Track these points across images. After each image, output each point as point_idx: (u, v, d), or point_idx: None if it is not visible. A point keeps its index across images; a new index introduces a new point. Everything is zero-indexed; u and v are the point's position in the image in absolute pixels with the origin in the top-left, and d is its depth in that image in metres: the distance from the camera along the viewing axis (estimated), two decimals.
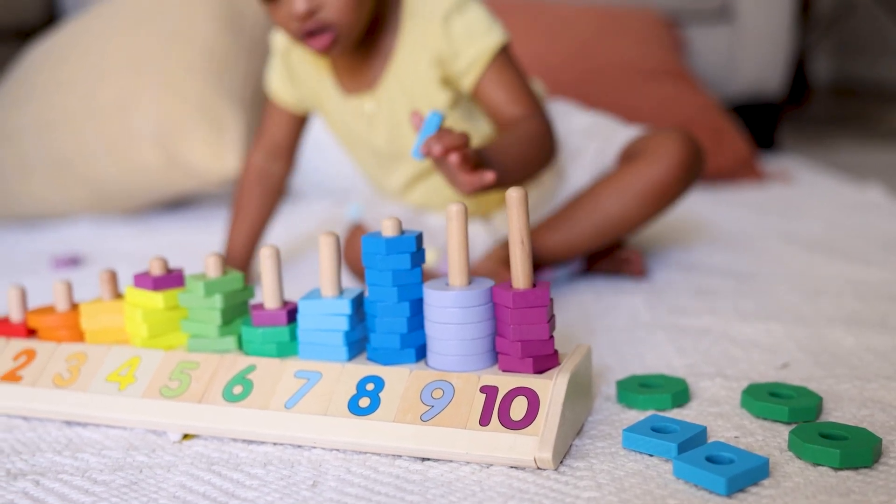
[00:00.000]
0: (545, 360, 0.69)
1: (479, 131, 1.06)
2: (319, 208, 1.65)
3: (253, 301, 0.86)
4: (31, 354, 0.81)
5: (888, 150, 2.18)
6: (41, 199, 1.63)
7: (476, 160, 0.83)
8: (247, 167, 1.18)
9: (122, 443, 0.72)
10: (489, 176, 0.82)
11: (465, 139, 0.80)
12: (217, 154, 1.51)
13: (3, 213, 1.67)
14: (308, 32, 0.95)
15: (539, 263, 1.05)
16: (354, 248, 1.10)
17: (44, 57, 1.71)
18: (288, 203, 1.60)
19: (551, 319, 0.70)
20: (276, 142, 1.17)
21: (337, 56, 1.02)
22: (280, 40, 1.11)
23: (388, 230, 0.72)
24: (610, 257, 1.11)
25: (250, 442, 0.71)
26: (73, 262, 1.36)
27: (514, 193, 0.67)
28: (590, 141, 1.13)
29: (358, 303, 0.74)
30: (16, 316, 0.86)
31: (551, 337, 0.69)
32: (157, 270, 0.80)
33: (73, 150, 1.58)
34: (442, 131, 0.80)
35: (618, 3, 1.98)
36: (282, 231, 1.43)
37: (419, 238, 0.72)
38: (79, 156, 1.58)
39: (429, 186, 1.11)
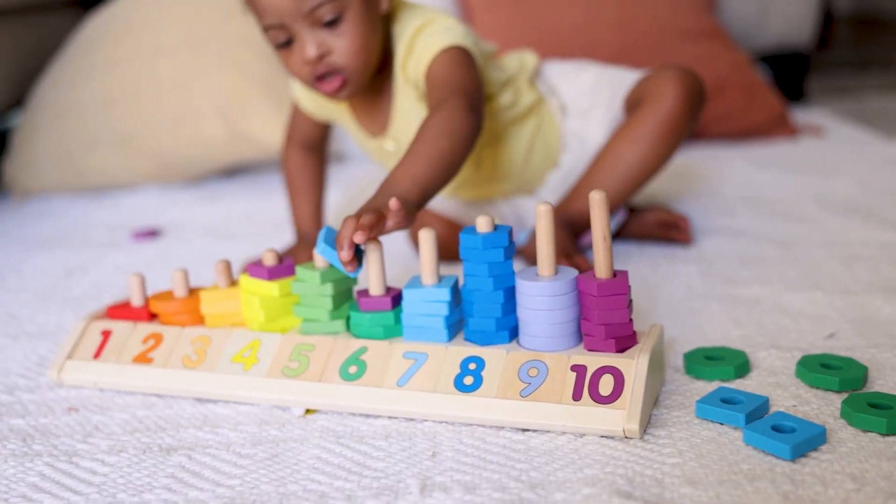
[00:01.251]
0: (625, 340, 0.78)
1: (500, 121, 1.14)
2: (364, 171, 1.72)
3: (357, 288, 0.96)
4: (158, 338, 0.91)
5: None
6: (105, 171, 1.72)
7: (372, 215, 0.81)
8: (285, 158, 1.27)
9: (253, 418, 0.82)
10: (392, 203, 0.81)
11: (352, 222, 0.81)
12: (279, 126, 1.59)
13: (70, 185, 1.76)
14: (318, 77, 1.03)
15: (581, 228, 1.13)
16: (419, 227, 1.19)
17: (102, 31, 1.79)
18: (336, 166, 1.69)
19: (630, 304, 0.79)
20: (308, 137, 1.25)
21: (347, 99, 1.08)
22: None
23: (483, 227, 0.81)
24: (658, 222, 1.20)
25: (367, 416, 0.81)
26: (152, 234, 1.45)
27: (596, 195, 0.76)
28: (598, 96, 1.20)
29: (455, 289, 0.84)
30: (136, 301, 0.96)
31: (630, 320, 0.79)
32: (269, 261, 0.89)
33: (138, 124, 1.67)
34: (339, 235, 0.81)
35: None
36: (338, 194, 1.52)
37: (510, 233, 0.81)
38: (143, 130, 1.67)
39: (470, 193, 1.20)
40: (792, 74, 2.16)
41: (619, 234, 1.22)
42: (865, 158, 1.59)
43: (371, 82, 1.09)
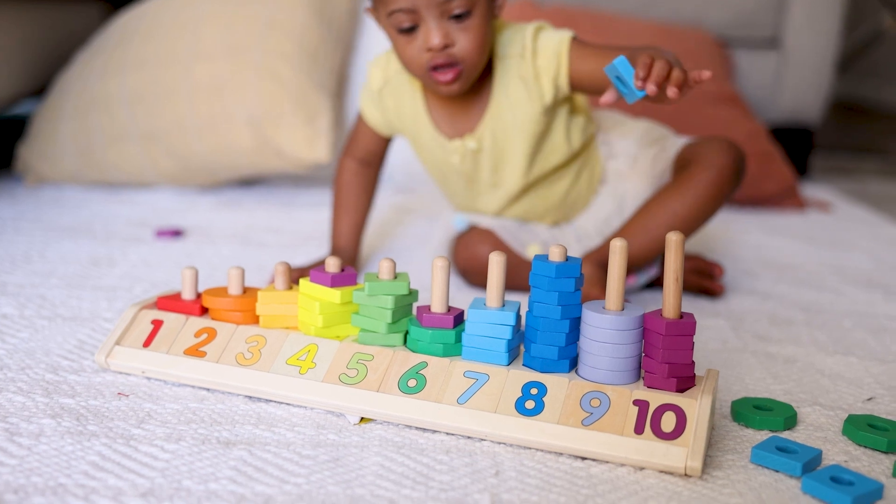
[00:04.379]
0: (686, 381, 0.80)
1: (574, 136, 1.19)
2: (387, 196, 1.73)
3: (417, 304, 0.96)
4: (211, 333, 0.91)
5: None
6: (126, 167, 1.71)
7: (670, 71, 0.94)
8: (341, 169, 1.29)
9: (308, 421, 0.83)
10: (706, 74, 0.95)
11: (665, 67, 0.93)
12: (309, 140, 1.60)
13: (87, 177, 1.75)
14: (435, 66, 1.07)
15: None
16: (468, 250, 1.20)
17: (135, 27, 1.79)
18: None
19: (692, 346, 0.81)
20: (367, 151, 1.28)
21: (458, 93, 1.11)
22: (376, 79, 1.21)
23: (556, 256, 0.82)
24: (693, 269, 1.24)
25: (423, 430, 0.82)
26: (176, 234, 1.45)
27: (673, 237, 0.79)
28: (647, 149, 1.25)
29: (517, 315, 0.85)
30: (188, 294, 0.96)
31: (693, 362, 0.81)
32: (332, 268, 0.90)
33: (166, 123, 1.67)
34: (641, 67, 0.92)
35: (675, 18, 2.08)
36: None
37: (581, 264, 0.83)
38: (171, 130, 1.66)
39: (521, 207, 1.23)
40: (797, 149, 2.21)
41: (654, 283, 1.25)
42: (875, 237, 1.64)
43: None
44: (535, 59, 1.12)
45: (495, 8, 1.11)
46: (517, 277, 1.17)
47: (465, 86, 1.10)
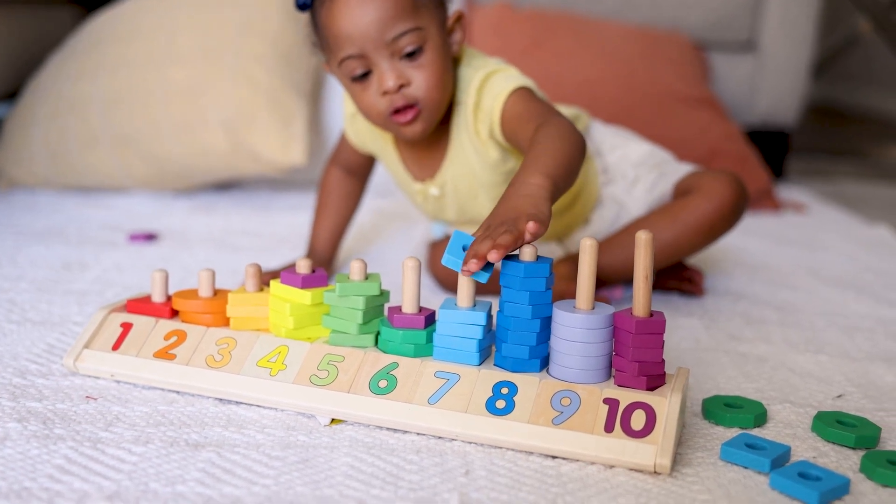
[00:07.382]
0: (656, 379, 0.80)
1: None
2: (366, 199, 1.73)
3: (389, 305, 0.96)
4: (181, 335, 0.91)
5: (886, 186, 2.33)
6: (101, 171, 1.70)
7: (510, 236, 0.79)
8: (325, 175, 1.29)
9: (278, 423, 0.82)
10: (531, 227, 0.80)
11: (489, 242, 0.79)
12: (284, 143, 1.60)
13: (62, 181, 1.74)
14: (394, 109, 1.04)
15: (600, 280, 1.16)
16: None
17: (110, 30, 1.78)
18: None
19: (662, 345, 0.81)
20: (350, 162, 1.27)
21: (419, 135, 1.07)
22: (349, 105, 1.19)
23: (527, 256, 0.82)
24: (674, 276, 1.24)
25: (394, 431, 0.81)
26: (150, 237, 1.44)
27: (643, 235, 0.79)
28: (646, 173, 1.23)
29: (489, 315, 0.85)
30: (158, 297, 0.95)
31: (663, 360, 0.81)
32: (303, 270, 0.90)
33: (141, 127, 1.66)
34: (475, 251, 0.79)
35: (652, 22, 2.09)
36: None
37: (551, 265, 0.83)
38: (145, 133, 1.66)
39: None
40: (773, 152, 2.23)
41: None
42: (850, 238, 1.65)
43: None
44: (477, 114, 1.08)
45: (452, 44, 1.08)
46: (491, 284, 1.16)
47: (428, 127, 1.07)
